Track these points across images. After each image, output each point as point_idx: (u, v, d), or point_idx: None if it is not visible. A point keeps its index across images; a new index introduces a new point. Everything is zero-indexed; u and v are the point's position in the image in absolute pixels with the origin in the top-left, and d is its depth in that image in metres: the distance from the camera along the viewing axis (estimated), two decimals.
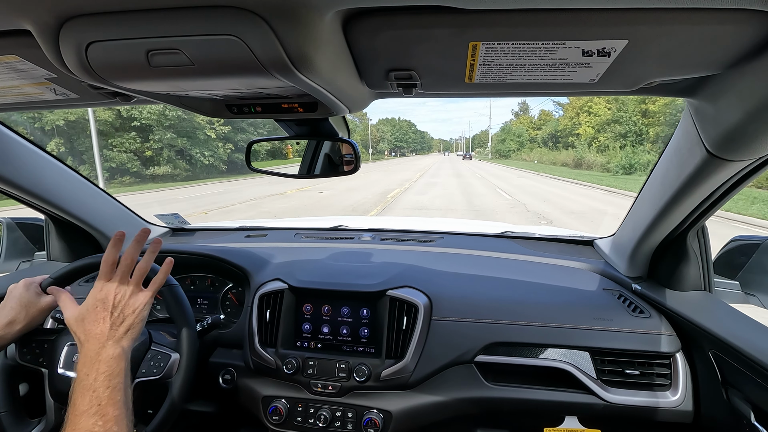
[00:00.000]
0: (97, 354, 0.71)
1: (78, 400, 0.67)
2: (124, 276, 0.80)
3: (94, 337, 0.73)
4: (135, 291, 0.80)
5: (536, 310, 1.08)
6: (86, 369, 0.70)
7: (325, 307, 1.11)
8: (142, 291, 0.81)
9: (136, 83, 0.53)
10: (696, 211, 0.92)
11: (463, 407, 1.04)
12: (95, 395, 0.67)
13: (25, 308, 0.92)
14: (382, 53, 0.56)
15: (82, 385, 0.68)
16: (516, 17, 0.47)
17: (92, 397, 0.67)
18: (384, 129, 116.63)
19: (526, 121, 74.20)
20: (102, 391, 0.67)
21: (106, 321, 0.75)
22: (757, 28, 0.46)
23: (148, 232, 0.85)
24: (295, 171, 1.03)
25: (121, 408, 0.68)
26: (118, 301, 0.78)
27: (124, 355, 0.74)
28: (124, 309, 0.78)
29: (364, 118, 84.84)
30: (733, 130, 0.64)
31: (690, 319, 0.95)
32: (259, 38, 0.43)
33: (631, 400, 0.97)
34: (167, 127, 25.02)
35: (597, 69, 0.56)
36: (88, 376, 0.69)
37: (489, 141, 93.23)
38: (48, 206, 1.25)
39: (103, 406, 0.66)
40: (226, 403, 1.17)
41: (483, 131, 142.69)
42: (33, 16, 0.44)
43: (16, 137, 1.09)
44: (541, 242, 1.56)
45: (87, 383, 0.68)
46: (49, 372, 0.94)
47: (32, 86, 0.70)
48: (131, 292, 0.80)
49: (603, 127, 34.59)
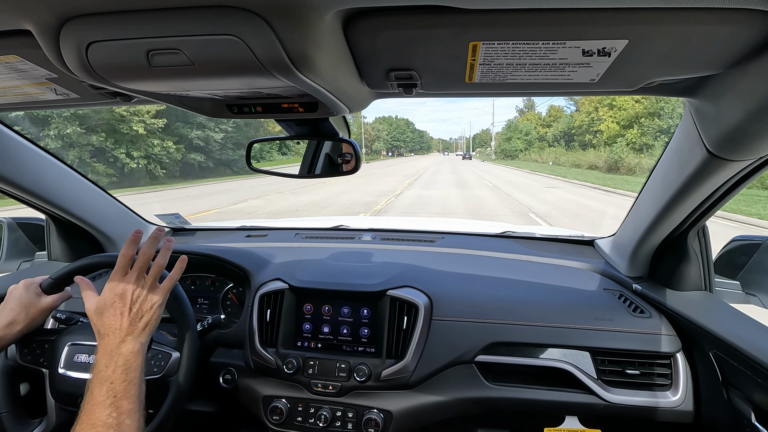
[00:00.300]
0: (117, 347, 0.73)
1: (96, 389, 0.68)
2: (141, 272, 0.82)
3: (113, 332, 0.75)
4: (152, 287, 0.82)
5: (537, 310, 1.08)
6: (105, 360, 0.72)
7: (326, 306, 1.12)
8: (158, 287, 0.83)
9: (136, 83, 0.53)
10: (696, 211, 0.92)
11: (463, 407, 1.04)
12: (112, 387, 0.69)
13: (25, 309, 0.92)
14: (382, 53, 0.56)
15: (100, 375, 0.70)
16: (516, 17, 0.47)
17: (109, 389, 0.68)
18: (380, 128, 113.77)
19: (534, 119, 68.52)
20: (119, 383, 0.69)
21: (125, 316, 0.77)
22: (757, 28, 0.46)
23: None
24: (296, 171, 1.03)
25: (134, 402, 0.69)
26: (137, 297, 0.79)
27: (142, 351, 0.76)
28: (142, 305, 0.79)
29: (358, 116, 78.08)
30: (733, 129, 0.64)
31: (690, 319, 0.95)
32: (260, 38, 0.43)
33: (632, 400, 0.97)
34: (69, 119, 18.25)
35: (597, 69, 0.56)
36: (107, 367, 0.71)
37: (492, 140, 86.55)
38: (49, 206, 1.25)
39: (119, 398, 0.68)
40: (227, 402, 1.17)
41: (484, 130, 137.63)
42: (33, 17, 0.44)
43: (17, 137, 1.09)
44: (541, 242, 1.56)
45: (105, 374, 0.70)
46: (50, 372, 0.94)
47: (33, 86, 0.70)
48: (149, 289, 0.81)
49: (631, 122, 30.08)
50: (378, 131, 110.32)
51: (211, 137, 25.76)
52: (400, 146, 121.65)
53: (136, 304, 0.79)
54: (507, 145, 64.98)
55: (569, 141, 47.92)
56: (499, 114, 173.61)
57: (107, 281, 0.81)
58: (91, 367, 0.73)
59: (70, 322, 1.06)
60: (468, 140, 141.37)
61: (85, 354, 0.93)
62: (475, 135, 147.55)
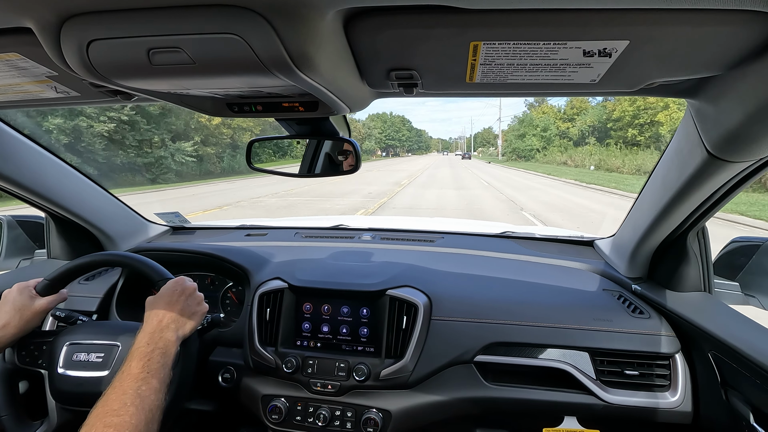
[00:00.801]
0: (160, 331, 0.83)
1: (133, 363, 0.75)
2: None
3: (161, 317, 0.86)
4: (202, 299, 0.96)
5: (536, 311, 1.08)
6: (147, 339, 0.80)
7: (325, 306, 1.12)
8: (204, 302, 0.97)
9: (137, 81, 0.53)
10: (696, 212, 0.92)
11: (462, 407, 1.04)
12: (149, 364, 0.76)
13: (19, 312, 0.93)
14: (383, 53, 0.56)
15: (140, 351, 0.78)
16: (517, 17, 0.47)
17: (146, 364, 0.75)
18: (372, 125, 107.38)
19: (551, 112, 54.16)
20: (154, 363, 0.77)
21: (177, 306, 0.89)
22: (758, 30, 0.46)
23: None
24: (296, 170, 1.03)
25: (162, 384, 0.76)
26: (192, 298, 0.93)
27: (177, 343, 0.85)
28: (201, 306, 0.94)
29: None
30: (733, 131, 0.64)
31: (689, 320, 0.95)
32: (260, 37, 0.43)
33: (631, 400, 0.97)
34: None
35: (598, 69, 0.56)
36: (147, 345, 0.79)
37: (498, 137, 71.91)
38: (48, 204, 1.25)
39: (151, 375, 0.74)
40: (226, 401, 1.17)
41: (486, 129, 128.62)
42: (34, 14, 0.44)
43: (17, 135, 1.09)
44: (541, 242, 1.56)
45: (145, 352, 0.78)
46: (49, 373, 0.94)
47: (33, 84, 0.70)
48: (201, 298, 0.95)
49: None
50: (369, 129, 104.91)
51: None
52: (396, 145, 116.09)
53: (189, 303, 0.91)
54: (519, 144, 50.79)
55: (602, 137, 37.18)
56: (506, 107, 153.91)
57: (176, 276, 0.96)
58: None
59: (69, 320, 1.06)
60: (469, 139, 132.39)
61: (84, 352, 0.92)
62: (476, 134, 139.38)
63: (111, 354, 0.91)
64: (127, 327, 0.97)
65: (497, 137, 75.30)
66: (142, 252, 1.19)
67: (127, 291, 1.31)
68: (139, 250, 1.29)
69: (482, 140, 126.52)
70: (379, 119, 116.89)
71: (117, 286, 1.30)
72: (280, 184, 16.25)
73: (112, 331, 0.96)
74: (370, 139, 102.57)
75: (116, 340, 0.93)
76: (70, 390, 0.91)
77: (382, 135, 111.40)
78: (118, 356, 0.91)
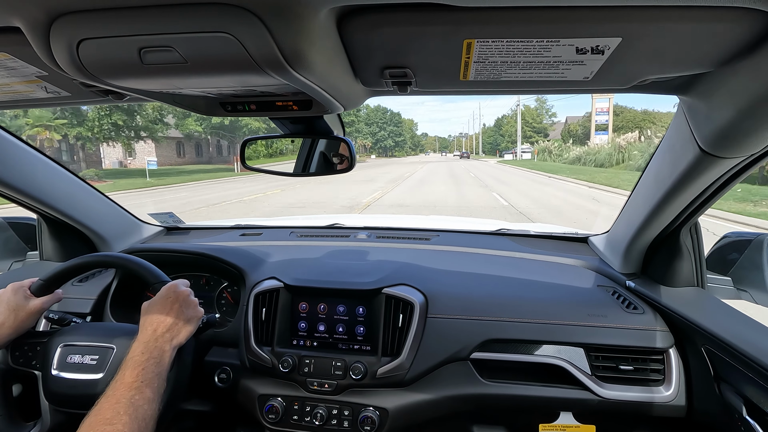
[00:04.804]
0: (155, 341, 0.82)
1: (127, 372, 0.75)
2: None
3: (155, 326, 0.84)
4: (197, 305, 0.95)
5: (531, 307, 1.08)
6: (142, 349, 0.80)
7: (321, 305, 1.11)
8: (199, 308, 0.95)
9: (128, 81, 0.53)
10: (689, 208, 0.93)
11: (458, 404, 1.05)
12: (143, 372, 0.75)
13: (14, 312, 0.92)
14: (376, 51, 0.56)
15: (135, 360, 0.77)
16: (510, 15, 0.47)
17: (140, 373, 0.75)
18: (347, 120, 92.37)
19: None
20: (149, 372, 0.76)
21: (171, 314, 0.87)
22: (749, 26, 0.47)
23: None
24: (290, 169, 1.02)
25: (155, 393, 0.75)
26: (187, 305, 0.91)
27: (172, 353, 0.84)
28: (195, 312, 0.92)
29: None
30: (725, 127, 0.65)
31: (683, 315, 0.96)
32: (253, 36, 0.42)
33: (625, 395, 0.98)
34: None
35: (591, 66, 0.57)
36: (142, 354, 0.78)
37: (518, 131, 53.78)
38: (40, 205, 1.23)
39: (144, 384, 0.74)
40: (222, 402, 1.17)
41: (496, 122, 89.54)
42: (23, 13, 0.44)
43: (7, 136, 1.08)
44: (536, 239, 1.57)
45: (140, 361, 0.77)
46: (43, 374, 0.93)
47: (23, 84, 0.69)
48: (195, 305, 0.94)
49: None
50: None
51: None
52: (382, 144, 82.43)
53: (183, 310, 0.89)
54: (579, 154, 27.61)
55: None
56: (505, 105, 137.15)
57: (169, 282, 0.93)
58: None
59: (62, 322, 1.04)
60: (477, 135, 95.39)
61: (78, 354, 0.92)
62: (483, 131, 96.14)
63: (106, 357, 0.90)
64: (122, 329, 0.96)
65: (519, 129, 54.27)
66: (136, 253, 1.18)
67: (122, 292, 1.30)
68: (133, 251, 1.28)
69: (488, 137, 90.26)
70: (353, 115, 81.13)
71: (111, 287, 1.29)
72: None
73: (107, 333, 0.95)
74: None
75: (111, 343, 0.92)
76: (64, 392, 0.90)
77: (367, 132, 77.47)
78: (113, 359, 0.90)
